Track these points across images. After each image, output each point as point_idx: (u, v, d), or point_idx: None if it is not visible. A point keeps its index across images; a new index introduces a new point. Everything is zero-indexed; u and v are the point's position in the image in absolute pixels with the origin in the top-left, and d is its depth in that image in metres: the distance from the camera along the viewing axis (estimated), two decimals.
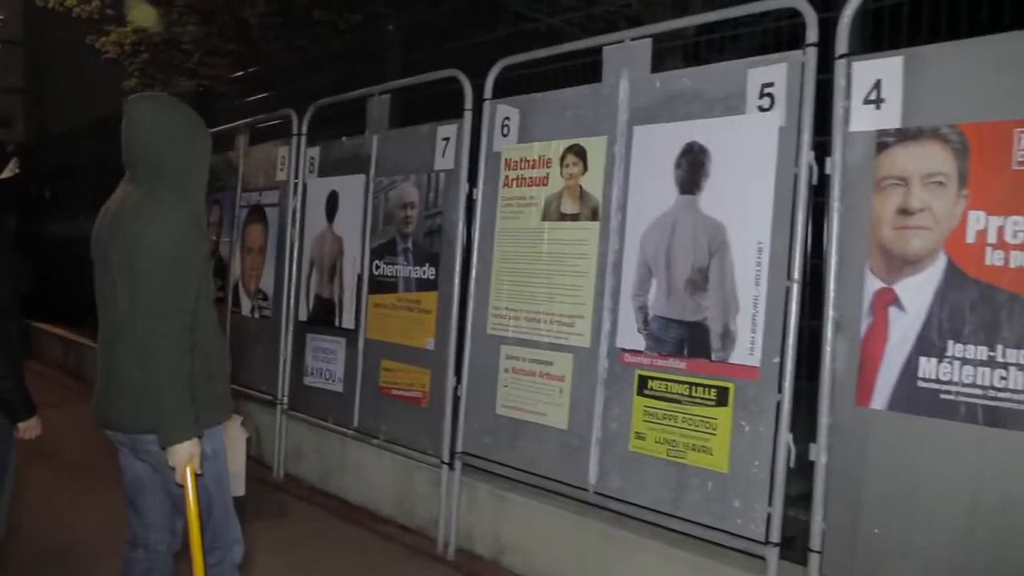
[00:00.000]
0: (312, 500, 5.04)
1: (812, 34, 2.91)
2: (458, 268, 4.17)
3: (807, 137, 2.92)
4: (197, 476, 2.42)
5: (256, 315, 5.75)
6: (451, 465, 4.17)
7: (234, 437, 5.15)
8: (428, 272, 4.36)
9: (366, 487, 4.85)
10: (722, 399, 3.13)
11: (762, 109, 3.06)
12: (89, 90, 10.70)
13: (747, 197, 3.09)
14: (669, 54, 3.81)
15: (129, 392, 2.44)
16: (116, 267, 2.41)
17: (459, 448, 4.13)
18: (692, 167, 3.26)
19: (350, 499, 4.97)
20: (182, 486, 2.41)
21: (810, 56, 2.92)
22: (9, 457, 3.06)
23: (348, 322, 4.92)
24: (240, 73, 8.30)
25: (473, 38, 5.10)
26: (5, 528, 3.09)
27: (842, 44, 2.83)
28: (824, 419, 2.84)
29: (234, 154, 6.23)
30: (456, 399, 4.16)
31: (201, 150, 2.60)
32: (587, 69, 4.09)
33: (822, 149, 2.93)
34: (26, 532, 4.02)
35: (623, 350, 3.46)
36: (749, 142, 3.09)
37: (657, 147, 3.39)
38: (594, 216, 3.62)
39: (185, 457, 2.36)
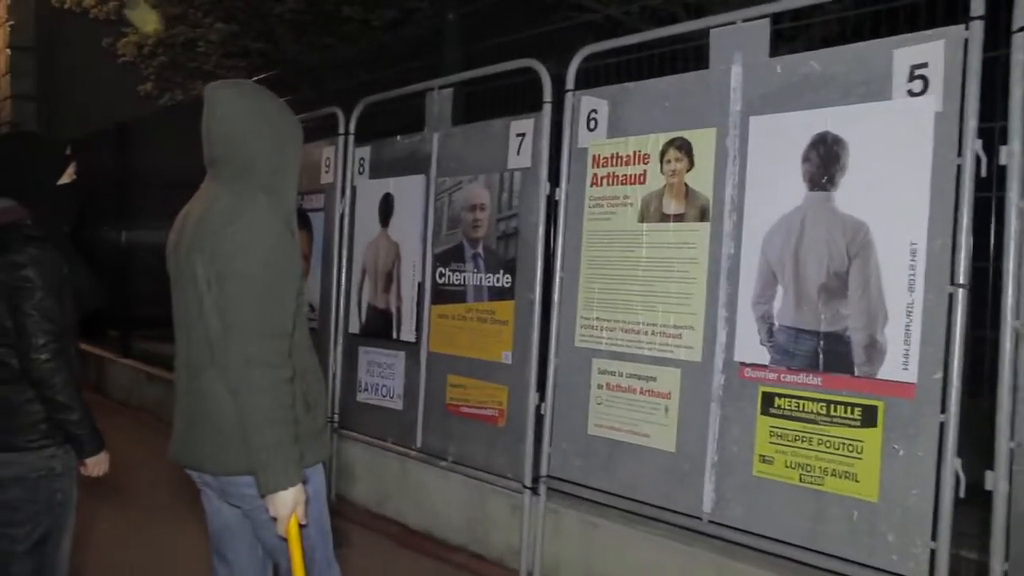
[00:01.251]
0: (370, 525, 4.69)
1: (979, 5, 2.58)
2: (539, 275, 3.83)
3: (972, 124, 2.58)
4: (303, 523, 2.07)
5: None
6: (534, 490, 3.82)
7: None
8: (503, 280, 4.02)
9: (430, 512, 4.50)
10: (869, 419, 2.79)
11: (912, 93, 2.72)
12: (103, 96, 10.37)
13: (895, 193, 2.75)
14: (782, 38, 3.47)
15: (220, 428, 2.07)
16: (202, 281, 2.04)
17: (544, 471, 3.79)
18: (825, 160, 2.92)
19: (411, 524, 4.62)
20: (284, 539, 2.06)
21: (975, 31, 2.59)
22: (71, 498, 2.69)
23: (408, 334, 4.58)
24: (264, 75, 7.97)
25: (535, 28, 4.77)
26: (66, 572, 2.73)
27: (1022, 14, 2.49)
28: (1004, 442, 2.50)
29: None
30: (539, 418, 3.82)
31: (293, 144, 2.23)
32: (675, 57, 3.77)
33: (986, 137, 2.61)
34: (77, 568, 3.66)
35: (743, 364, 3.13)
36: (896, 131, 2.75)
37: (779, 139, 3.05)
38: (703, 216, 3.28)
39: (290, 506, 1.99)
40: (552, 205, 3.83)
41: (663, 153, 3.43)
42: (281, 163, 2.17)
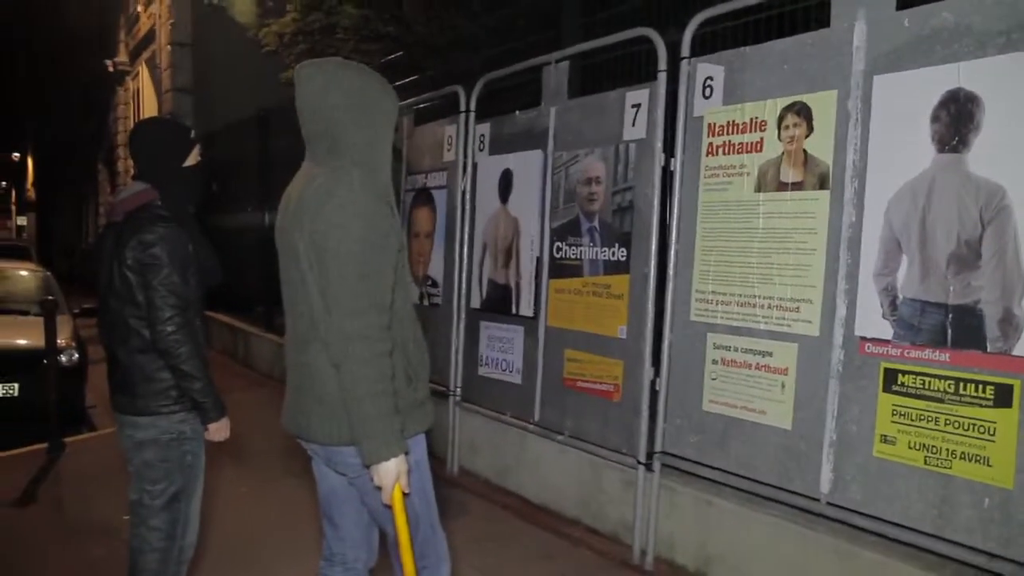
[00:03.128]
0: (489, 497, 4.77)
1: None
2: (654, 248, 3.75)
3: None
4: (406, 492, 2.12)
5: (425, 303, 5.54)
6: (648, 466, 3.77)
7: None
8: (619, 253, 3.97)
9: (547, 485, 4.53)
10: (1003, 399, 2.58)
11: None
12: (250, 86, 10.94)
13: None
14: None
15: (325, 400, 2.15)
16: (304, 259, 2.11)
17: (658, 447, 3.73)
18: (956, 119, 2.70)
19: (529, 497, 4.67)
20: (389, 507, 2.11)
21: None
22: (200, 460, 2.89)
23: (526, 309, 4.61)
24: (394, 55, 8.17)
25: None
26: (197, 531, 2.94)
27: None
28: None
29: (396, 137, 6.03)
30: (654, 393, 3.76)
31: (386, 118, 2.23)
32: (795, 18, 3.60)
33: None
34: (209, 527, 3.94)
35: (863, 339, 2.96)
36: None
37: (906, 99, 2.85)
38: (822, 184, 3.12)
39: (393, 476, 2.04)
40: (667, 176, 3.74)
41: (780, 119, 3.27)
42: (371, 137, 2.18)
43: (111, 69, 14.94)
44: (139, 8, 14.16)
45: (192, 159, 2.92)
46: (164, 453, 2.79)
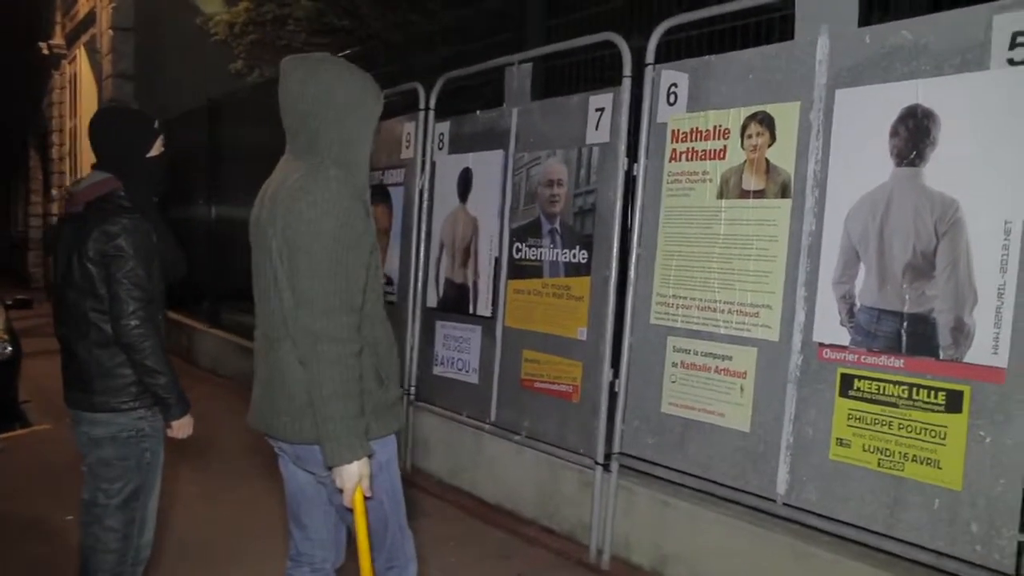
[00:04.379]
0: (443, 496, 4.77)
1: None
2: (615, 251, 3.80)
3: None
4: (367, 496, 2.10)
5: None
6: (606, 466, 3.82)
7: None
8: (580, 256, 4.01)
9: (503, 485, 4.55)
10: (954, 404, 2.69)
11: (1013, 63, 2.58)
12: (196, 75, 10.70)
13: (990, 168, 2.62)
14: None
15: (293, 397, 2.12)
16: (276, 255, 2.08)
17: (616, 448, 3.78)
18: (914, 135, 2.81)
19: (485, 497, 4.68)
20: (350, 510, 2.10)
21: None
22: (159, 458, 2.83)
23: (484, 309, 4.62)
24: (350, 51, 8.08)
25: (616, 1, 4.69)
26: (153, 531, 2.88)
27: None
28: None
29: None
30: (612, 394, 3.80)
31: (366, 117, 2.20)
32: (758, 29, 3.67)
33: None
34: (164, 527, 3.85)
35: (821, 344, 3.05)
36: (994, 103, 2.62)
37: (867, 113, 2.94)
38: (784, 193, 3.20)
39: (355, 479, 2.02)
40: (630, 181, 3.79)
41: (744, 128, 3.35)
42: (349, 135, 2.15)
43: (46, 52, 14.46)
44: None
45: (156, 149, 2.85)
46: (122, 451, 2.73)
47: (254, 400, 2.30)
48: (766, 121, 3.27)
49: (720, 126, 3.44)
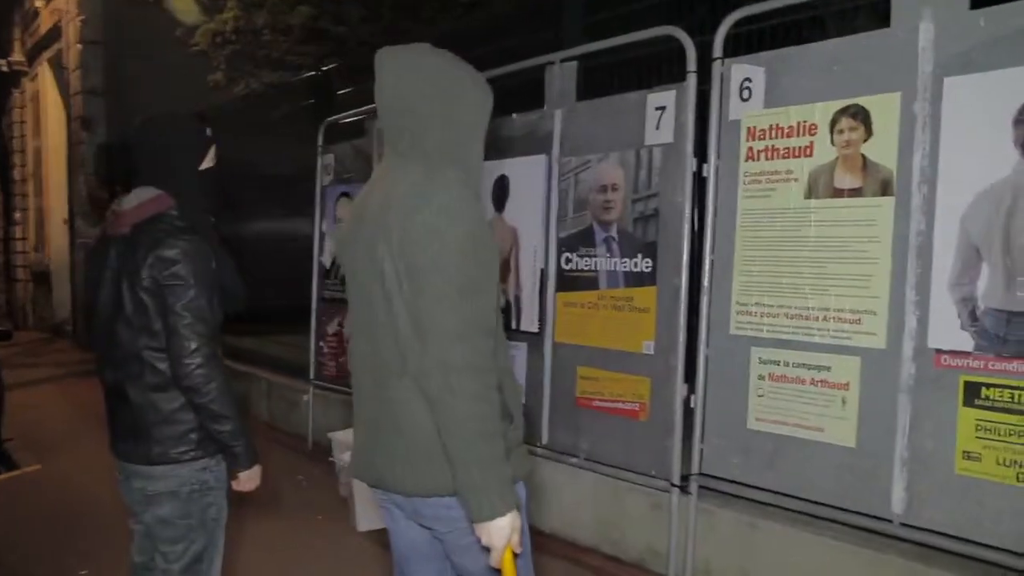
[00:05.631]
0: None
1: None
2: (685, 258, 3.56)
3: None
4: (517, 552, 1.80)
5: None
6: (684, 488, 3.57)
7: None
8: (643, 264, 3.76)
9: (558, 512, 4.27)
10: None
11: None
12: (171, 88, 10.29)
13: None
14: None
15: (415, 443, 1.80)
16: (391, 277, 1.76)
17: (695, 468, 3.53)
18: None
19: (537, 525, 4.39)
20: (497, 570, 1.80)
21: None
22: (224, 513, 2.50)
23: (529, 324, 4.34)
24: (330, 66, 7.78)
25: None
26: None
27: None
28: None
29: (365, 141, 5.70)
30: (687, 411, 3.56)
31: (479, 112, 1.93)
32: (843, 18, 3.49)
33: None
34: None
35: (939, 351, 2.83)
36: None
37: (983, 102, 2.75)
38: (885, 190, 2.99)
39: (505, 535, 1.71)
40: (699, 183, 3.56)
41: (834, 123, 3.13)
42: (461, 132, 1.88)
43: (5, 70, 13.85)
44: (37, 3, 13.17)
45: (209, 161, 2.54)
46: (184, 508, 2.39)
47: (358, 448, 2.00)
48: (860, 115, 3.06)
49: (805, 122, 3.22)
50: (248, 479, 2.43)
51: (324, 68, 6.74)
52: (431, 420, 1.76)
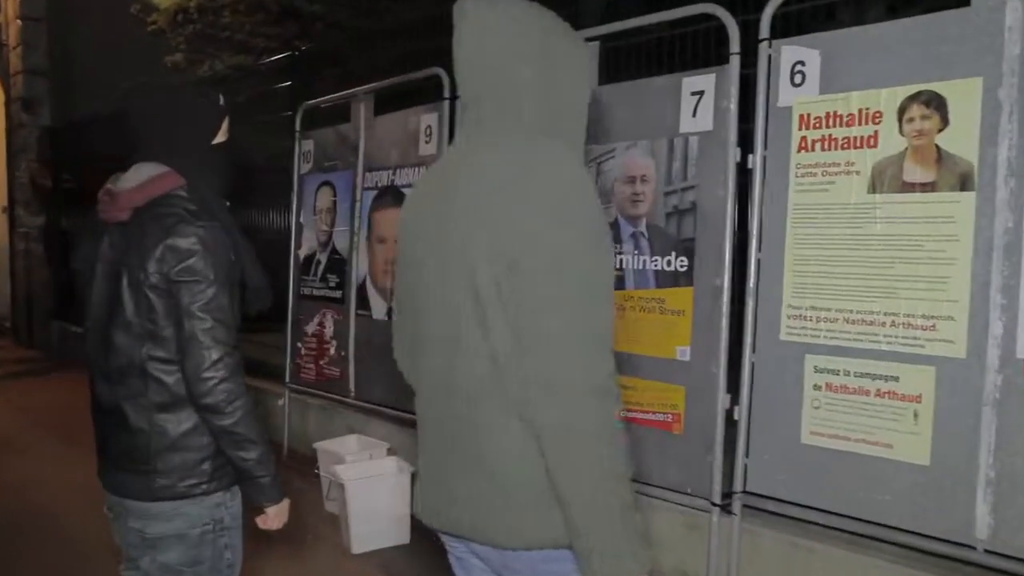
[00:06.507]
0: None
1: None
2: (728, 257, 3.27)
3: None
4: None
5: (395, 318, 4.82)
6: (726, 508, 3.28)
7: (392, 474, 4.28)
8: (678, 263, 3.45)
9: None
10: None
11: None
12: (124, 69, 9.66)
13: None
14: None
15: (513, 483, 1.47)
16: (484, 276, 1.42)
17: (738, 487, 3.24)
18: None
19: None
20: None
21: None
22: (239, 556, 2.11)
23: None
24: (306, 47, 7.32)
25: None
26: None
27: None
28: None
29: (350, 127, 5.29)
30: (729, 424, 3.27)
31: (582, 75, 1.61)
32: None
33: None
34: None
35: None
36: None
37: None
38: (964, 185, 2.73)
39: None
40: (742, 175, 3.27)
41: (902, 110, 2.86)
42: (561, 100, 1.56)
43: None
44: None
45: (223, 134, 2.15)
46: (193, 552, 2.00)
47: (425, 484, 1.65)
48: (934, 102, 2.79)
49: (868, 109, 2.94)
50: (276, 515, 2.07)
51: (302, 48, 6.28)
52: (533, 454, 1.42)
